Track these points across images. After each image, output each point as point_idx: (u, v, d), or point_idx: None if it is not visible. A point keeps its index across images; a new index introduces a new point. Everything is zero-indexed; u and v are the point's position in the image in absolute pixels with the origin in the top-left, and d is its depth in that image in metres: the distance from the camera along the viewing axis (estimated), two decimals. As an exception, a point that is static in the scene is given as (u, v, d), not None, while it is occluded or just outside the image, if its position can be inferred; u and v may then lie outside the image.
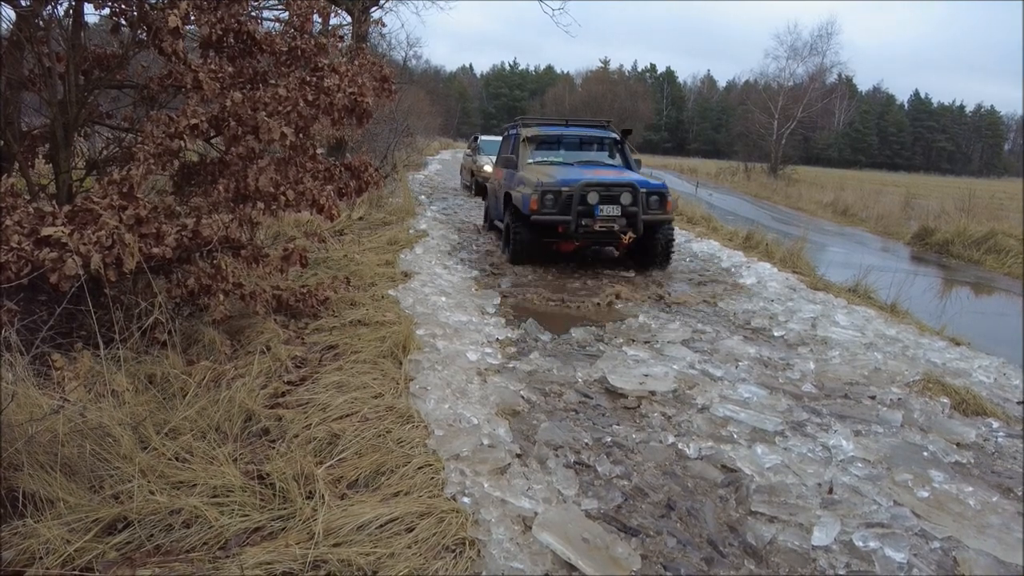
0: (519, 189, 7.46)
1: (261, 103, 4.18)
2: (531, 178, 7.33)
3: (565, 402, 3.63)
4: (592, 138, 9.01)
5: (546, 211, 6.96)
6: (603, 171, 7.88)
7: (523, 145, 8.53)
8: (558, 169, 7.90)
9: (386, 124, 13.93)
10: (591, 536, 2.36)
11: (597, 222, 6.97)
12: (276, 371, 3.53)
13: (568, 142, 8.94)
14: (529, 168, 8.05)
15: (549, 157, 8.59)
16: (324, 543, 2.15)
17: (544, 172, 7.60)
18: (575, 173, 7.50)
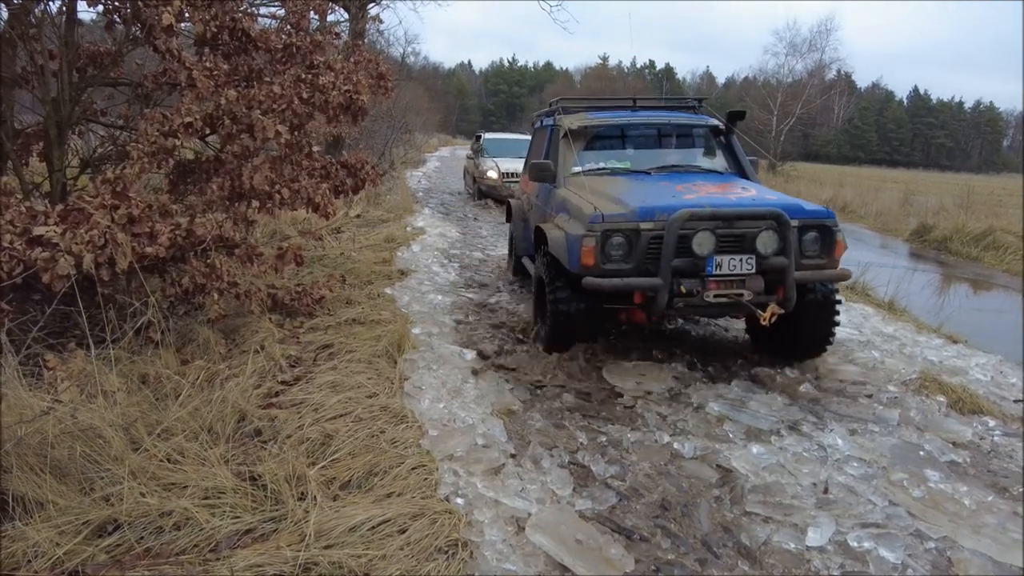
0: (560, 224, 4.22)
1: (256, 101, 4.15)
2: (581, 204, 4.01)
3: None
4: (678, 128, 5.30)
5: (611, 266, 3.72)
6: (708, 186, 4.31)
7: (564, 144, 5.01)
8: (628, 185, 4.43)
9: (384, 121, 13.89)
10: (584, 537, 2.35)
11: (712, 286, 3.68)
12: (270, 370, 3.52)
13: (639, 135, 5.24)
14: (576, 183, 4.51)
15: (609, 162, 5.03)
16: (315, 545, 2.13)
17: (604, 192, 4.22)
18: (661, 192, 4.11)
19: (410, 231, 8.80)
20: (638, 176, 4.76)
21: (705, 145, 5.25)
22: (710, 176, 4.83)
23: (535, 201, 5.44)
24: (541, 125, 6.23)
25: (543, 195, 5.13)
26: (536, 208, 5.36)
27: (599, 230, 3.68)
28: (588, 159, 4.96)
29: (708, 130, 5.24)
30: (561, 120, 5.22)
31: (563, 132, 5.03)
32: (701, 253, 3.62)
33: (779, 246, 3.67)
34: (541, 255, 4.43)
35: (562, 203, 4.46)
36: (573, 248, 3.77)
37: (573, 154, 4.94)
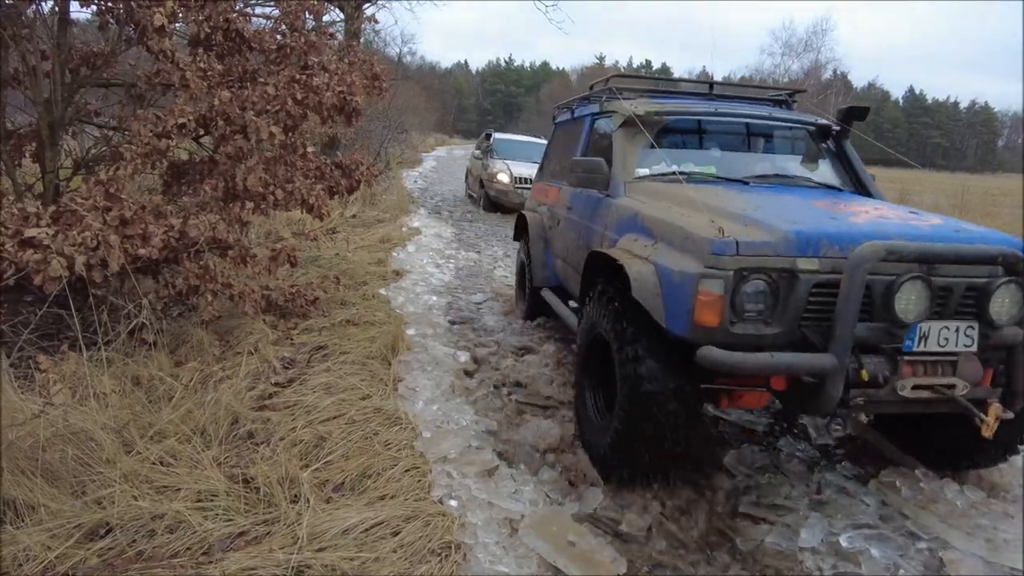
0: (641, 252, 2.78)
1: (249, 102, 4.14)
2: (686, 224, 2.61)
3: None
4: (777, 126, 3.97)
5: (744, 329, 2.35)
6: (853, 205, 3.11)
7: (622, 137, 3.65)
8: (743, 198, 3.04)
9: (380, 121, 13.88)
10: (577, 539, 2.35)
11: (907, 371, 2.37)
12: (264, 372, 3.51)
13: (725, 132, 3.94)
14: (647, 192, 3.34)
15: (684, 163, 3.67)
16: (308, 548, 2.13)
17: (713, 206, 2.80)
18: (809, 211, 2.82)
19: (406, 231, 8.80)
20: (740, 187, 3.29)
21: (808, 151, 3.87)
22: (833, 193, 3.45)
23: (568, 215, 4.09)
24: (573, 117, 4.77)
25: (587, 206, 3.72)
26: (571, 224, 3.98)
27: (730, 268, 2.25)
28: (654, 160, 3.57)
29: (815, 131, 3.88)
30: (617, 105, 3.77)
31: (622, 120, 3.60)
32: (905, 316, 2.26)
33: (1020, 309, 2.37)
34: (601, 299, 2.88)
35: (632, 219, 3.01)
36: (681, 295, 2.34)
37: (637, 151, 3.56)
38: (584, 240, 3.67)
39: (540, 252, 4.79)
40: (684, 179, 3.29)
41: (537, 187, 5.37)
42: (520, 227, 5.33)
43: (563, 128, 5.08)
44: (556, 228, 4.44)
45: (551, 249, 4.59)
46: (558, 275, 4.46)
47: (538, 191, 5.27)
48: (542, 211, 4.94)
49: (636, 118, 3.48)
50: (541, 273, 4.77)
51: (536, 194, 5.33)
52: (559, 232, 4.36)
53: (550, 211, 4.68)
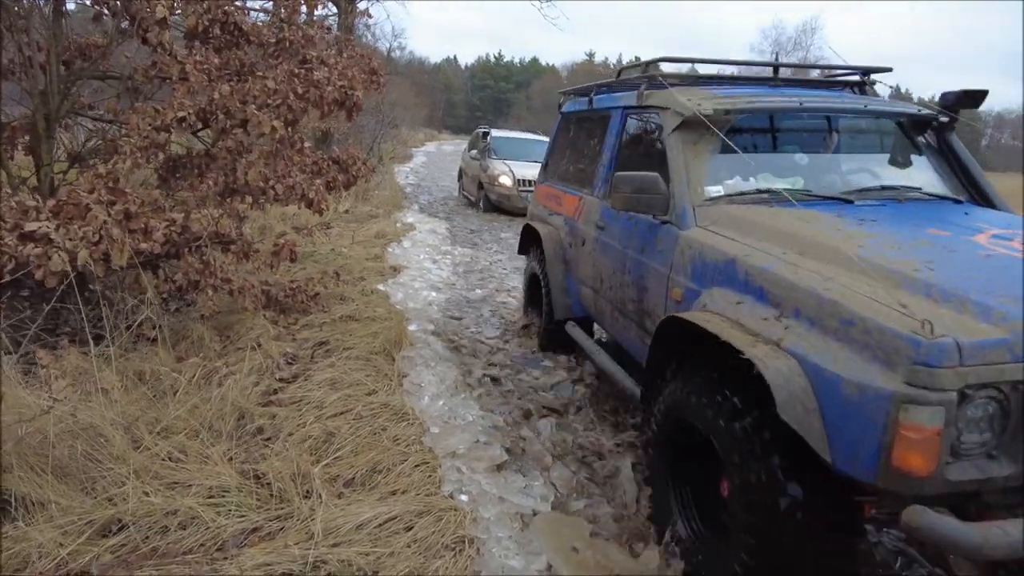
0: (785, 336, 1.86)
1: (250, 96, 4.11)
2: (846, 298, 1.76)
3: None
4: (866, 118, 3.11)
5: (964, 472, 1.56)
6: (1015, 232, 2.25)
7: (679, 142, 2.77)
8: (891, 243, 2.14)
9: (372, 116, 13.81)
10: (582, 546, 2.33)
11: None
12: (268, 368, 3.50)
13: (807, 129, 3.07)
14: (741, 221, 2.43)
15: (760, 175, 2.75)
16: (323, 543, 2.13)
17: (861, 257, 1.92)
18: (1007, 269, 1.88)
19: (400, 227, 8.77)
20: (848, 210, 2.50)
21: (899, 148, 3.01)
22: (967, 211, 2.68)
23: (601, 236, 3.33)
24: (592, 108, 3.90)
25: (634, 233, 2.94)
26: (608, 250, 3.24)
27: (951, 387, 1.53)
28: (721, 171, 2.72)
29: (910, 123, 3.02)
30: (668, 99, 2.87)
31: (679, 121, 2.74)
32: None
33: None
34: (695, 381, 2.16)
35: (726, 268, 2.23)
36: (863, 423, 1.61)
37: (704, 162, 2.70)
38: (634, 277, 2.90)
39: (559, 276, 3.96)
40: (771, 198, 2.58)
41: (544, 191, 4.52)
42: (528, 241, 4.58)
43: (576, 121, 4.27)
44: (582, 250, 3.64)
45: (574, 274, 3.81)
46: (585, 305, 3.76)
47: (547, 196, 4.41)
48: (557, 223, 4.10)
49: (704, 118, 2.62)
50: (562, 301, 3.95)
51: (544, 199, 4.48)
52: (586, 255, 3.57)
53: (570, 226, 3.85)
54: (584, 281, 3.66)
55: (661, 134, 2.90)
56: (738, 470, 1.89)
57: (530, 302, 4.76)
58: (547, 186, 4.49)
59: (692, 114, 2.69)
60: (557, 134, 4.60)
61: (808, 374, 1.74)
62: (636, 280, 2.89)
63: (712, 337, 2.01)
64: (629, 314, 3.00)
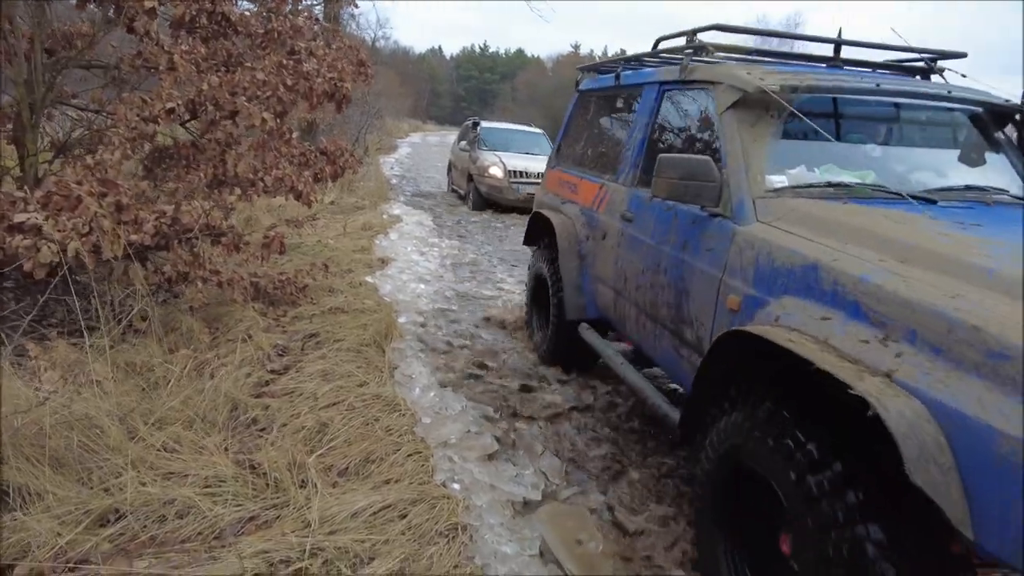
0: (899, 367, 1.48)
1: (240, 88, 4.11)
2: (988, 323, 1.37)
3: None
4: (942, 106, 2.71)
5: None
6: None
7: (738, 124, 2.43)
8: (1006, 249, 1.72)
9: (358, 107, 13.74)
10: (585, 537, 2.40)
11: None
12: (259, 360, 3.52)
13: (877, 116, 2.69)
14: (815, 219, 2.06)
15: (824, 167, 2.42)
16: (320, 531, 2.17)
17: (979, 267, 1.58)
18: None
19: (387, 218, 8.77)
20: (936, 211, 2.15)
21: (973, 143, 2.69)
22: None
23: (630, 230, 3.00)
24: (619, 84, 3.58)
25: (675, 228, 2.60)
26: (638, 247, 2.88)
27: None
28: (784, 158, 2.41)
29: (990, 115, 2.74)
30: (723, 73, 2.57)
31: (736, 97, 2.43)
32: None
33: None
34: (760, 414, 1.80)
35: (805, 274, 1.88)
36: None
37: (765, 147, 2.39)
38: (672, 278, 2.54)
39: (573, 272, 3.61)
40: (844, 194, 2.26)
41: (555, 177, 4.19)
42: (536, 231, 4.22)
43: (597, 100, 3.97)
44: (602, 244, 3.30)
45: (591, 270, 3.48)
46: (602, 307, 3.42)
47: (559, 183, 4.07)
48: (571, 213, 3.75)
49: (773, 95, 2.30)
50: (576, 300, 3.58)
51: (555, 186, 4.14)
52: (607, 250, 3.23)
53: (588, 217, 3.55)
54: (603, 279, 3.31)
55: (711, 113, 2.58)
56: (813, 539, 1.51)
57: (534, 303, 4.31)
58: (559, 171, 4.13)
59: (755, 90, 2.34)
60: (573, 114, 4.24)
61: (937, 420, 1.36)
62: (674, 282, 2.53)
63: (789, 359, 1.63)
64: (662, 320, 2.65)
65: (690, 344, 2.44)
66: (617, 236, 3.14)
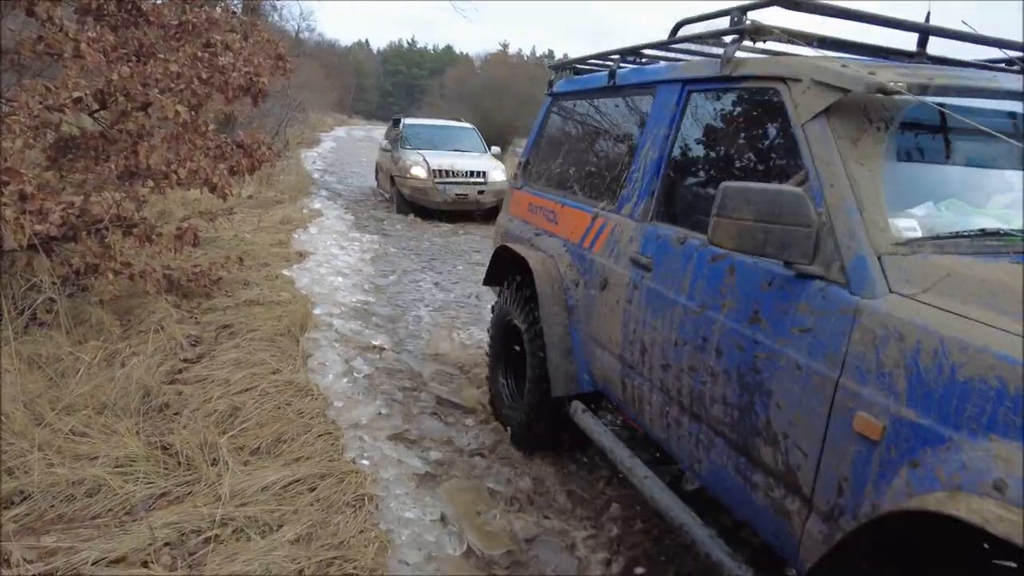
0: None
1: (152, 79, 4.10)
2: None
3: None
4: None
5: None
6: None
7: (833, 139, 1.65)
8: None
9: (278, 99, 13.50)
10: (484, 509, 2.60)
11: None
12: (172, 349, 3.56)
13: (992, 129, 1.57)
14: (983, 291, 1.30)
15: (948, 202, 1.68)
16: (230, 503, 2.31)
17: None
18: None
19: (307, 213, 8.75)
20: None
21: None
22: None
23: (651, 284, 2.20)
24: (614, 85, 2.83)
25: (729, 289, 1.85)
26: (669, 310, 2.09)
27: None
28: (903, 192, 1.71)
29: None
30: (803, 64, 1.85)
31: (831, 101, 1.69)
32: None
33: None
34: None
35: None
36: None
37: (878, 176, 1.65)
38: (734, 365, 1.77)
39: (559, 329, 2.74)
40: (1004, 246, 1.56)
41: (524, 199, 3.41)
42: (501, 268, 3.34)
43: (580, 105, 3.22)
44: (602, 296, 2.50)
45: (585, 328, 2.66)
46: (600, 377, 2.59)
47: (529, 208, 3.32)
48: (552, 249, 2.92)
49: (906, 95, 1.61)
50: (563, 368, 2.69)
51: (523, 211, 3.38)
52: (610, 305, 2.43)
53: (577, 257, 2.75)
54: (604, 343, 2.50)
55: (783, 122, 1.82)
56: None
57: (501, 364, 3.35)
58: (529, 193, 3.37)
59: (867, 89, 1.60)
60: (545, 122, 3.50)
61: None
62: (738, 371, 1.74)
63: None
64: (713, 423, 1.85)
65: (773, 472, 1.63)
66: (626, 289, 2.32)
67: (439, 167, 9.68)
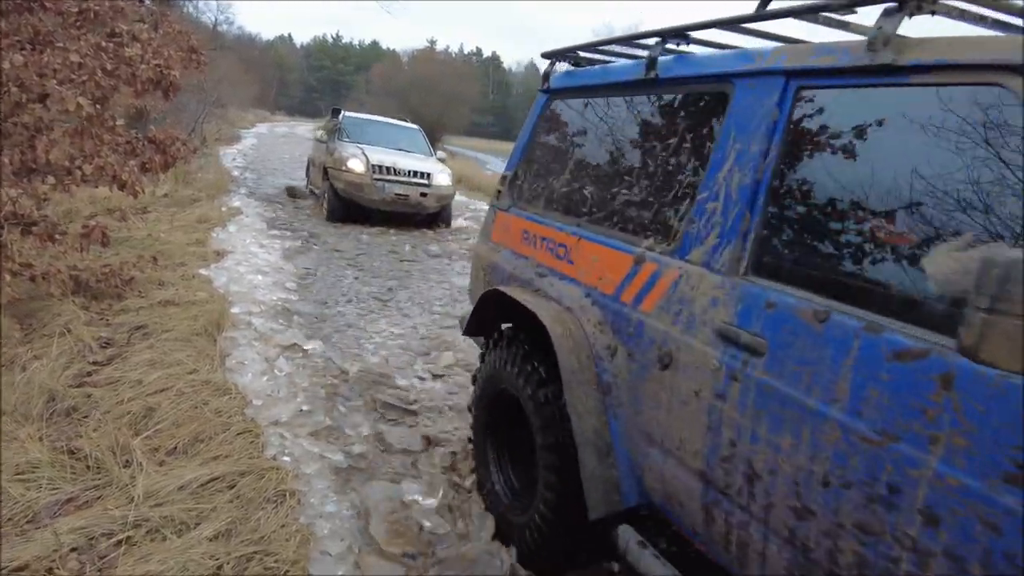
0: None
1: (50, 69, 3.90)
2: None
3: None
4: None
5: None
6: None
7: None
8: None
9: (194, 94, 12.97)
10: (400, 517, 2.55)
11: None
12: (80, 352, 3.42)
13: None
14: None
15: None
16: (144, 504, 2.26)
17: None
18: None
19: (225, 211, 8.46)
20: None
21: None
22: None
23: (770, 379, 1.46)
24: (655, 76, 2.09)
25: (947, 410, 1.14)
26: (816, 430, 1.34)
27: None
28: None
29: None
30: None
31: None
32: None
33: None
34: None
35: None
36: None
37: None
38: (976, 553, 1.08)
39: (594, 421, 1.98)
40: None
41: (514, 225, 2.70)
42: (489, 315, 2.60)
43: (596, 103, 2.47)
44: (666, 379, 1.77)
45: (633, 419, 1.91)
46: (658, 489, 1.85)
47: (523, 237, 2.60)
48: (572, 300, 2.18)
49: None
50: (602, 475, 1.94)
51: (514, 241, 2.67)
52: (687, 398, 1.70)
53: (612, 314, 2.01)
54: (663, 443, 1.78)
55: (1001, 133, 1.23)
56: None
57: (491, 444, 2.61)
58: (522, 218, 2.65)
59: None
60: (538, 126, 2.78)
61: None
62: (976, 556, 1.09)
63: None
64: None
65: None
66: (714, 376, 1.60)
67: (379, 163, 8.92)
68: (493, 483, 2.56)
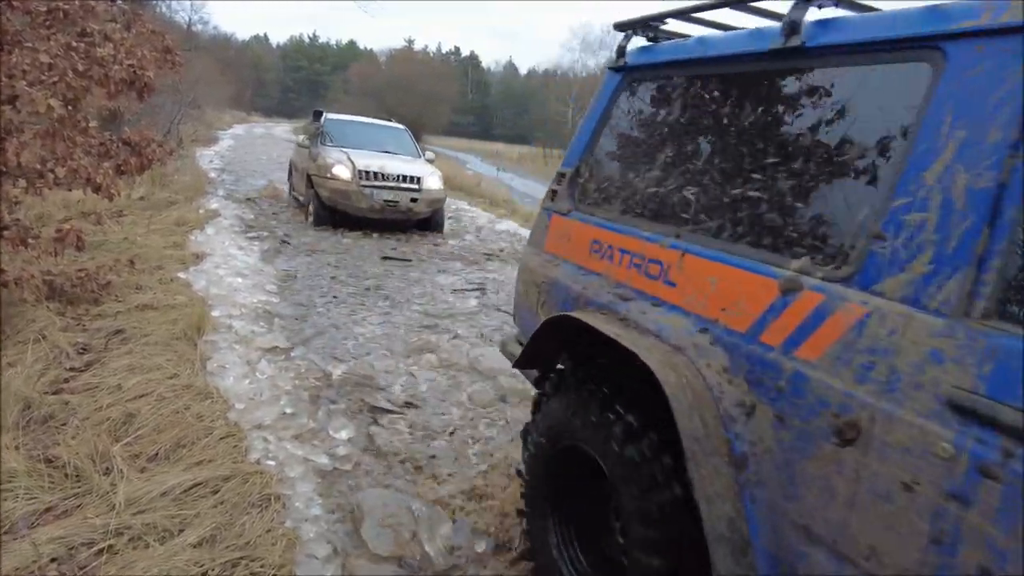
0: None
1: (18, 70, 3.82)
2: None
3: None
4: None
5: None
6: None
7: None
8: None
9: (169, 95, 12.78)
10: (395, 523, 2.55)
11: None
12: (56, 358, 3.35)
13: None
14: None
15: None
16: (126, 512, 2.22)
17: None
18: None
19: (203, 213, 8.36)
20: None
21: None
22: None
23: None
24: (836, 43, 1.53)
25: None
26: None
27: None
28: None
29: None
30: None
31: None
32: None
33: None
34: None
35: None
36: None
37: None
38: None
39: (727, 507, 1.43)
40: None
41: (583, 233, 2.20)
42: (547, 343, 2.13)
43: (700, 83, 1.95)
44: (847, 464, 1.25)
45: (781, 504, 1.39)
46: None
47: (603, 251, 2.08)
48: (678, 335, 1.65)
49: None
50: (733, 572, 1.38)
51: (585, 254, 2.16)
52: (895, 497, 1.16)
53: (757, 365, 1.46)
54: (839, 546, 1.28)
55: None
56: None
57: (551, 511, 2.09)
58: (590, 224, 2.19)
59: None
60: (610, 110, 2.29)
61: None
62: None
63: None
64: None
65: None
66: (953, 472, 1.10)
67: (366, 168, 8.41)
68: (554, 560, 2.01)
